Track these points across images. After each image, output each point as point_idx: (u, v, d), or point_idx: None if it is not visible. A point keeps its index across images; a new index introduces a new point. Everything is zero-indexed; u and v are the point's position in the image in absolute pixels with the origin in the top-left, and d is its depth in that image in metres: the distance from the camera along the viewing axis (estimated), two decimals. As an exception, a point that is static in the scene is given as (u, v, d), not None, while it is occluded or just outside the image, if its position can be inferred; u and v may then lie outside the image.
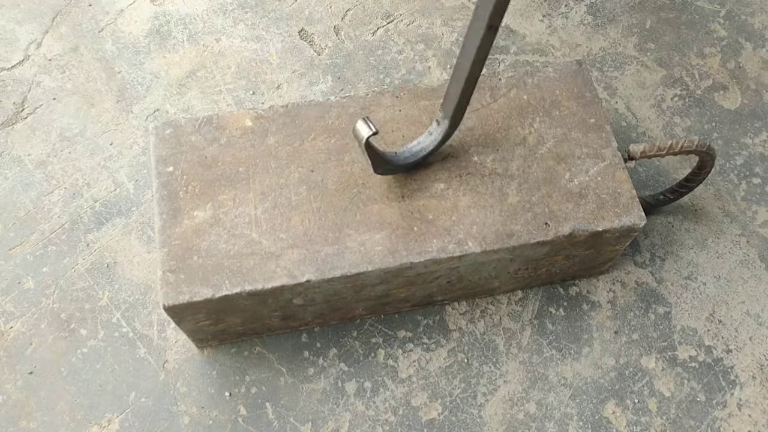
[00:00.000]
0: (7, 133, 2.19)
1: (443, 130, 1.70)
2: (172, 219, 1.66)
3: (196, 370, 1.89)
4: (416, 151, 1.71)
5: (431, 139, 1.71)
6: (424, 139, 1.71)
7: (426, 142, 1.72)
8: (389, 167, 1.69)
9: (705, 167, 1.88)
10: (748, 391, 1.91)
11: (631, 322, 1.98)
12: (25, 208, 2.08)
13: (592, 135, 1.80)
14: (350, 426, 1.84)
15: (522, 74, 1.89)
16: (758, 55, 2.43)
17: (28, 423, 1.81)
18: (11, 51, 2.37)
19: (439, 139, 1.71)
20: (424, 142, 1.72)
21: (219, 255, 1.62)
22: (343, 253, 1.63)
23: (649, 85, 2.36)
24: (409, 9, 2.51)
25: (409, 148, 1.71)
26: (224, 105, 2.28)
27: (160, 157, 1.73)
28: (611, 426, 1.86)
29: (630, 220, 1.70)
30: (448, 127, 1.69)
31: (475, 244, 1.65)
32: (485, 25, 1.46)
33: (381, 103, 1.84)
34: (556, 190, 1.73)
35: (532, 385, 1.90)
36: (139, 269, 2.01)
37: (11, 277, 1.98)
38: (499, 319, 1.98)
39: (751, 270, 2.07)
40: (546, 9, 2.52)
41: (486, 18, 1.45)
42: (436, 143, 1.71)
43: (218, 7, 2.49)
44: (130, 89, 2.30)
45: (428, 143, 1.71)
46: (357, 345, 1.93)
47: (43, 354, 1.89)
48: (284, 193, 1.70)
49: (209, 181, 1.70)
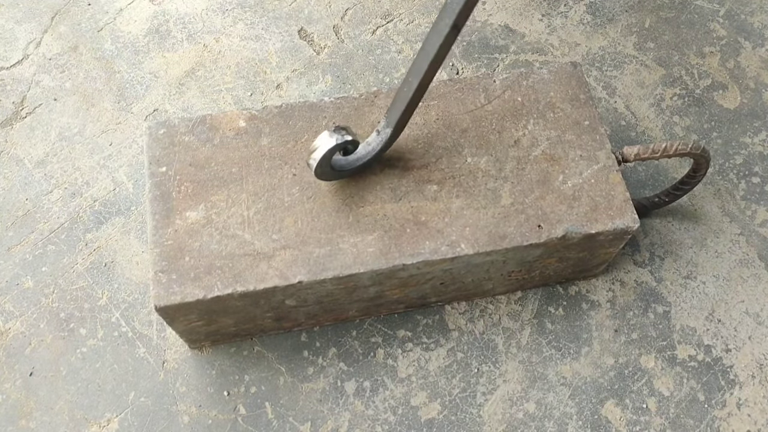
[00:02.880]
0: (7, 133, 2.20)
1: (383, 140, 1.69)
2: (164, 219, 1.66)
3: (196, 370, 1.89)
4: (352, 161, 1.70)
5: (369, 149, 1.70)
6: (362, 149, 1.70)
7: (362, 152, 1.70)
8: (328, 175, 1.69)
9: (700, 170, 1.87)
10: (748, 391, 1.91)
11: (631, 322, 1.98)
12: (24, 207, 2.08)
13: (586, 137, 1.79)
14: (349, 425, 1.84)
15: (516, 76, 1.89)
16: (757, 55, 2.42)
17: (27, 422, 1.82)
18: (10, 50, 2.38)
19: (377, 150, 1.70)
20: (361, 152, 1.70)
21: (211, 256, 1.62)
22: (336, 255, 1.63)
23: (648, 85, 2.35)
24: (408, 8, 2.51)
25: (345, 157, 1.70)
26: (224, 104, 2.28)
27: (153, 158, 1.73)
28: (610, 425, 1.86)
29: (623, 222, 1.70)
30: (389, 136, 1.68)
31: (467, 246, 1.65)
32: (451, 23, 1.46)
33: (375, 104, 1.83)
34: (549, 192, 1.72)
35: (532, 384, 1.90)
36: (139, 268, 2.01)
37: (10, 277, 1.99)
38: (498, 319, 1.97)
39: (750, 269, 2.06)
40: (545, 8, 2.52)
41: (453, 16, 1.45)
42: (374, 153, 1.70)
43: (217, 6, 2.49)
44: (129, 89, 2.31)
45: (364, 153, 1.70)
46: (356, 344, 1.93)
47: (43, 353, 1.90)
48: (277, 194, 1.70)
49: (202, 182, 1.70)
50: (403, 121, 1.67)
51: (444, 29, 1.49)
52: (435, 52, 1.52)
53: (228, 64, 2.36)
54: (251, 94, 2.30)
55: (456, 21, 1.48)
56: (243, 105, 2.28)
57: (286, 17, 2.47)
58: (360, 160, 1.70)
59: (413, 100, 1.63)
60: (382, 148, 1.70)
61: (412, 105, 1.64)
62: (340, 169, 1.68)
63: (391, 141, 1.70)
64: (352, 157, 1.70)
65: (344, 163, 1.69)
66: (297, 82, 2.33)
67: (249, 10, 2.48)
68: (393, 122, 1.67)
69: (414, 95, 1.61)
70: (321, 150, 1.60)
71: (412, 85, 1.60)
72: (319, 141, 1.61)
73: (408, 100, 1.62)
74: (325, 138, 1.60)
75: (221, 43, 2.40)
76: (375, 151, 1.70)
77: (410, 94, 1.61)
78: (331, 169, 1.66)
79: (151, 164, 1.73)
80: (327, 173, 1.67)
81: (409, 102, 1.62)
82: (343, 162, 1.69)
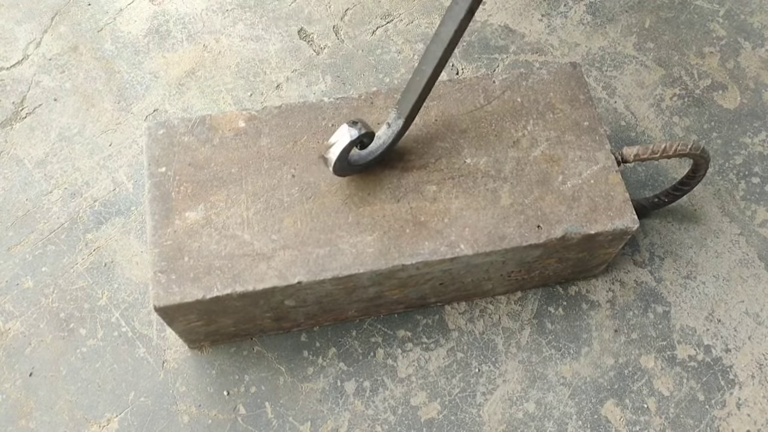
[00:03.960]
0: (7, 133, 2.20)
1: (395, 132, 1.70)
2: (163, 219, 1.66)
3: (196, 370, 1.89)
4: (365, 155, 1.71)
5: (380, 143, 1.71)
6: (374, 143, 1.71)
7: (374, 146, 1.71)
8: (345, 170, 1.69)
9: (699, 170, 1.87)
10: (747, 391, 1.91)
11: (630, 322, 1.98)
12: (24, 207, 2.08)
13: (585, 138, 1.79)
14: (349, 425, 1.84)
15: (516, 76, 1.89)
16: (757, 55, 2.42)
17: (27, 422, 1.82)
18: (10, 50, 2.38)
19: (389, 142, 1.70)
20: (373, 146, 1.71)
21: (210, 256, 1.62)
22: (335, 255, 1.63)
23: (648, 85, 2.35)
24: (408, 8, 2.50)
25: (359, 152, 1.71)
26: (223, 105, 2.28)
27: (152, 158, 1.73)
28: (610, 425, 1.86)
29: (623, 223, 1.69)
30: (401, 127, 1.69)
31: (467, 247, 1.65)
32: (467, 7, 1.46)
33: (374, 104, 1.83)
34: (548, 193, 1.72)
35: (532, 384, 1.90)
36: (138, 268, 2.01)
37: (10, 277, 1.99)
38: (498, 319, 1.97)
39: (750, 269, 2.06)
40: (545, 8, 2.52)
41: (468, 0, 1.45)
42: (386, 146, 1.71)
43: (217, 6, 2.49)
44: (129, 89, 2.31)
45: (376, 147, 1.71)
46: (356, 344, 1.93)
47: (43, 353, 1.90)
48: (276, 195, 1.70)
49: (201, 182, 1.70)
50: (414, 112, 1.68)
51: (459, 13, 1.49)
52: (450, 37, 1.52)
53: (228, 64, 2.36)
54: (251, 94, 2.30)
55: (471, 5, 1.48)
56: (243, 105, 2.28)
57: (286, 17, 2.47)
58: (372, 154, 1.71)
59: (425, 89, 1.63)
60: (393, 140, 1.71)
61: (423, 94, 1.65)
62: (354, 163, 1.69)
63: (402, 132, 1.71)
64: (365, 152, 1.71)
65: (357, 157, 1.70)
66: (297, 82, 2.33)
67: (249, 11, 2.48)
68: (405, 113, 1.67)
69: (426, 84, 1.62)
70: (340, 144, 1.61)
71: (425, 73, 1.60)
72: (337, 136, 1.62)
73: (421, 89, 1.62)
74: (343, 132, 1.61)
75: (221, 44, 2.40)
76: (386, 144, 1.71)
77: (423, 82, 1.61)
78: (348, 163, 1.67)
79: (150, 164, 1.73)
80: (344, 168, 1.67)
81: (422, 91, 1.63)
82: (356, 156, 1.70)
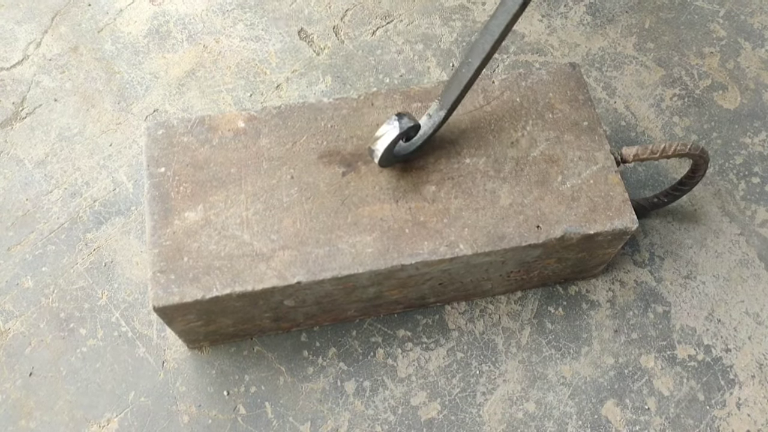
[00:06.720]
0: (6, 133, 2.20)
1: (436, 122, 1.71)
2: (163, 220, 1.66)
3: (196, 370, 1.89)
4: (406, 146, 1.72)
5: (420, 134, 1.72)
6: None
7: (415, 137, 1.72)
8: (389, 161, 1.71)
9: (699, 170, 1.87)
10: (747, 391, 1.91)
11: (630, 322, 1.98)
12: (24, 207, 2.09)
13: (584, 138, 1.79)
14: (349, 425, 1.84)
15: (515, 77, 1.89)
16: (757, 55, 2.42)
17: (27, 422, 1.82)
18: (10, 51, 2.38)
19: (429, 133, 1.72)
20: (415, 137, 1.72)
21: (209, 256, 1.62)
22: (334, 255, 1.63)
23: (648, 85, 2.35)
24: (408, 9, 2.51)
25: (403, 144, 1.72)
26: (223, 105, 2.28)
27: (151, 158, 1.73)
28: (610, 425, 1.86)
29: (622, 223, 1.69)
30: (442, 118, 1.70)
31: (466, 247, 1.65)
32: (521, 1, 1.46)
33: (374, 105, 1.83)
34: (548, 193, 1.72)
35: (532, 384, 1.90)
36: (138, 268, 2.02)
37: (10, 277, 1.99)
38: (498, 319, 1.97)
39: (750, 269, 2.06)
40: (545, 9, 2.52)
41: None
42: (426, 136, 1.72)
43: (217, 7, 2.49)
44: (129, 89, 2.31)
45: (417, 138, 1.72)
46: (356, 344, 1.93)
47: (43, 353, 1.90)
48: (276, 195, 1.70)
49: (201, 182, 1.70)
50: (456, 104, 1.70)
51: (513, 6, 1.49)
52: (501, 30, 1.53)
53: (228, 64, 2.36)
54: (251, 94, 2.30)
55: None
56: (243, 105, 2.28)
57: (286, 18, 2.47)
58: (413, 145, 1.72)
59: (470, 82, 1.64)
60: (434, 131, 1.72)
61: (467, 87, 1.66)
62: (396, 154, 1.71)
63: (443, 123, 1.72)
64: (407, 143, 1.72)
65: (399, 148, 1.71)
66: (297, 82, 2.34)
67: (249, 11, 2.48)
68: (448, 104, 1.69)
69: (472, 77, 1.63)
70: (388, 137, 1.62)
71: (473, 66, 1.61)
72: (384, 128, 1.63)
73: (466, 82, 1.64)
74: (391, 125, 1.62)
75: (221, 44, 2.40)
76: (427, 134, 1.72)
77: (469, 75, 1.62)
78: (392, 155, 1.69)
79: (149, 165, 1.73)
80: (389, 159, 1.69)
81: (467, 83, 1.64)
82: (399, 148, 1.71)
